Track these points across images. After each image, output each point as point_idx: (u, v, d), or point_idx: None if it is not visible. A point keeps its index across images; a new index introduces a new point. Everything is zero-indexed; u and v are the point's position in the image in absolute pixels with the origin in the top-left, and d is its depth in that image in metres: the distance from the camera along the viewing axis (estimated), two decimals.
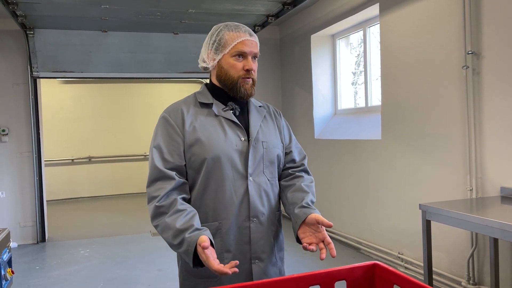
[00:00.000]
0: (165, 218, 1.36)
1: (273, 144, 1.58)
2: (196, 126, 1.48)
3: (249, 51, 1.50)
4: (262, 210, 1.50)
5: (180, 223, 1.32)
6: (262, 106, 1.68)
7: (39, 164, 5.49)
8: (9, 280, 2.68)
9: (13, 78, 5.40)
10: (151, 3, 4.40)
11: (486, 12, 3.05)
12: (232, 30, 1.50)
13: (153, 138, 1.50)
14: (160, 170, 1.43)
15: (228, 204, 1.46)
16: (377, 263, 1.08)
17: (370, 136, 4.44)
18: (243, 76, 1.50)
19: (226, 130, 1.49)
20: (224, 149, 1.46)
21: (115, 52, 5.58)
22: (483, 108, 3.11)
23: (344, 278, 1.06)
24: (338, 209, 5.07)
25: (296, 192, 1.54)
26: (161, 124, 1.51)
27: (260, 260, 1.50)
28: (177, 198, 1.39)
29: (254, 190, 1.49)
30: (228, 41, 1.49)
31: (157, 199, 1.38)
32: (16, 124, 5.41)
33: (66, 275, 4.23)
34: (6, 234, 2.72)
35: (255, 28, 5.52)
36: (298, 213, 1.44)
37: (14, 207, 5.44)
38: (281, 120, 1.71)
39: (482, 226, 2.35)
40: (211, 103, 1.53)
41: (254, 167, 1.50)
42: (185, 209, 1.37)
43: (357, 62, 5.30)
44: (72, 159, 8.93)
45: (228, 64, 1.50)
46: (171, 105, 1.56)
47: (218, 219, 1.47)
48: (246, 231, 1.48)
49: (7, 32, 5.34)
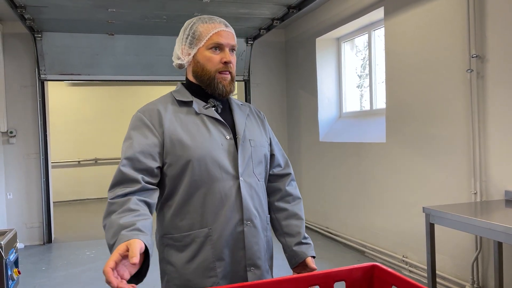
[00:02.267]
0: (112, 215, 1.18)
1: (260, 143, 1.49)
2: (176, 126, 1.36)
3: (226, 42, 1.40)
4: (255, 213, 1.40)
5: (125, 220, 1.13)
6: (244, 105, 1.57)
7: (46, 165, 5.55)
8: (15, 280, 2.71)
9: (21, 81, 5.47)
10: (157, 7, 4.44)
11: (490, 16, 3.06)
12: (206, 22, 1.41)
13: (124, 140, 1.36)
14: (124, 173, 1.26)
15: (218, 208, 1.34)
16: (376, 265, 1.09)
17: (375, 139, 4.44)
18: (220, 70, 1.39)
19: (210, 129, 1.38)
20: (210, 148, 1.35)
21: (121, 55, 5.63)
22: (488, 111, 3.11)
23: (343, 279, 1.08)
24: (342, 211, 5.07)
25: (290, 219, 1.52)
26: (134, 124, 1.38)
27: (256, 267, 1.40)
28: (132, 198, 1.22)
29: (246, 191, 1.38)
30: (202, 33, 1.39)
31: (112, 197, 1.23)
32: (23, 126, 5.47)
33: (72, 276, 4.26)
34: (13, 235, 2.76)
35: (260, 31, 5.55)
36: (297, 251, 1.47)
37: (21, 208, 5.49)
38: (264, 120, 1.62)
39: (486, 230, 2.35)
40: (190, 101, 1.42)
41: (244, 166, 1.40)
42: (137, 210, 1.19)
43: (362, 65, 5.31)
44: (78, 161, 9.01)
45: (204, 57, 1.40)
46: (145, 105, 1.43)
47: (207, 225, 1.34)
48: (240, 236, 1.37)
49: (16, 35, 5.41)
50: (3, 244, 2.52)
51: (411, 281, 0.98)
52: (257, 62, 6.36)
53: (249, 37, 5.96)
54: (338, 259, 4.52)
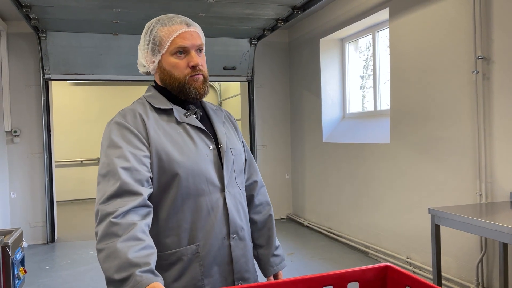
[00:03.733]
0: (116, 242, 1.03)
1: (240, 151, 1.43)
2: (161, 136, 1.25)
3: (190, 44, 1.28)
4: (241, 224, 1.35)
5: (134, 254, 1.01)
6: (217, 109, 1.48)
7: (49, 165, 5.56)
8: (21, 279, 2.72)
9: (25, 80, 5.48)
10: (161, 7, 4.45)
11: (497, 17, 3.06)
12: (165, 25, 1.29)
13: (106, 151, 1.20)
14: (126, 183, 1.13)
15: (205, 223, 1.27)
16: (390, 265, 1.09)
17: (379, 140, 4.44)
18: (190, 75, 1.29)
19: (194, 139, 1.29)
20: (197, 161, 1.26)
21: (125, 55, 5.64)
22: (493, 113, 3.11)
23: (356, 280, 1.08)
24: (346, 212, 5.07)
25: (262, 230, 1.53)
26: (115, 132, 1.22)
27: (244, 280, 1.36)
28: (137, 223, 1.08)
29: (231, 203, 1.32)
30: (163, 38, 1.28)
31: (114, 215, 1.07)
32: (27, 126, 5.49)
33: (76, 275, 4.27)
34: (19, 234, 2.77)
35: (264, 32, 5.55)
36: (270, 264, 1.52)
37: (24, 208, 5.50)
38: (236, 123, 1.53)
39: (491, 231, 2.35)
40: (170, 108, 1.31)
41: (228, 177, 1.33)
42: (144, 240, 1.06)
43: (369, 65, 5.31)
44: (81, 161, 9.02)
45: (169, 64, 1.29)
46: (123, 110, 1.30)
47: (194, 241, 1.26)
48: (227, 251, 1.31)
49: (20, 35, 5.43)
50: (10, 243, 2.53)
51: (425, 282, 0.98)
52: (261, 63, 6.36)
53: (253, 38, 5.97)
54: (341, 260, 4.52)
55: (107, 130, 1.25)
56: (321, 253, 4.76)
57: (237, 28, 5.39)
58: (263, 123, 6.37)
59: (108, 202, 1.11)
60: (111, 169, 1.15)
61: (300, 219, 6.17)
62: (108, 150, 1.20)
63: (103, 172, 1.17)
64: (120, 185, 1.12)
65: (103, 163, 1.19)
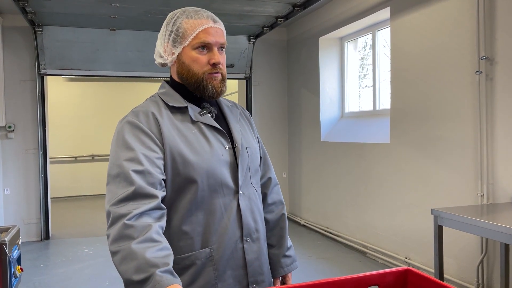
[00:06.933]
0: (131, 244, 1.01)
1: (255, 150, 1.40)
2: (175, 136, 1.21)
3: (214, 41, 1.25)
4: (255, 227, 1.32)
5: (152, 255, 1.00)
6: (232, 106, 1.44)
7: (44, 161, 5.49)
8: (18, 277, 2.66)
9: (21, 75, 5.39)
10: (160, 2, 4.39)
11: (500, 17, 3.05)
12: (191, 17, 1.25)
13: (118, 151, 1.17)
14: (140, 186, 1.10)
15: (218, 226, 1.24)
16: (410, 269, 1.07)
17: (378, 140, 4.43)
18: (209, 72, 1.25)
19: (210, 139, 1.26)
20: (213, 162, 1.23)
21: (122, 51, 5.58)
22: (496, 113, 3.10)
23: (376, 284, 1.05)
24: (343, 212, 5.06)
25: (274, 230, 1.50)
26: (128, 132, 1.19)
27: (258, 284, 1.33)
28: (152, 224, 1.06)
29: (245, 205, 1.29)
30: (187, 30, 1.24)
31: (127, 217, 1.05)
32: (22, 121, 5.41)
33: (71, 273, 4.21)
34: (16, 231, 2.71)
35: (264, 29, 5.51)
36: (281, 265, 1.48)
37: (18, 204, 5.43)
38: (251, 120, 1.49)
39: (493, 232, 2.34)
40: (185, 106, 1.27)
41: (243, 178, 1.30)
42: (160, 242, 1.05)
43: (365, 65, 5.29)
44: (75, 157, 8.93)
45: (189, 58, 1.25)
46: (135, 109, 1.26)
47: (208, 245, 1.23)
48: (240, 254, 1.28)
49: (16, 29, 5.34)
50: (7, 241, 2.47)
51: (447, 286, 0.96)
52: (259, 61, 6.33)
53: (252, 35, 5.93)
54: (339, 259, 4.51)
55: (119, 129, 1.22)
56: (318, 253, 4.74)
57: (236, 25, 5.35)
58: (261, 121, 6.33)
59: (120, 204, 1.09)
60: (123, 171, 1.12)
61: (297, 218, 6.15)
62: (120, 151, 1.16)
63: (114, 173, 1.14)
64: (135, 189, 1.09)
65: (114, 163, 1.16)
